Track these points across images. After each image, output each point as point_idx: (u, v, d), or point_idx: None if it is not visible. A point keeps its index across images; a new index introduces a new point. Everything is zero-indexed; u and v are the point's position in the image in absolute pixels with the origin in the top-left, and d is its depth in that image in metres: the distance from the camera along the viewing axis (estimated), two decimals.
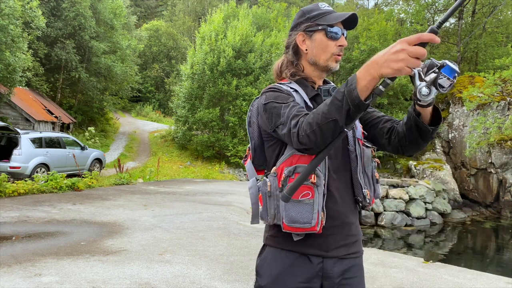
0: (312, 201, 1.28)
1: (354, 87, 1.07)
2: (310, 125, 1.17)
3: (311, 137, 1.17)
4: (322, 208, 1.30)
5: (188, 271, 3.96)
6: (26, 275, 3.63)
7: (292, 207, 1.29)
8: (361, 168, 1.41)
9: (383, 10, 26.96)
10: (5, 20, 13.06)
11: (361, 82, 1.07)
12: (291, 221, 1.30)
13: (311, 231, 1.29)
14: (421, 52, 1.01)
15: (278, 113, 1.32)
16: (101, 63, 21.61)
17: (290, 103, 1.32)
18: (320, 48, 1.41)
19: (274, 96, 1.37)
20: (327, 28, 1.39)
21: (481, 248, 10.43)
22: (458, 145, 16.73)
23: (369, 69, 1.06)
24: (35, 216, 6.20)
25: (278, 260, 1.37)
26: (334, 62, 1.41)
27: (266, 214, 1.37)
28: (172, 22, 42.28)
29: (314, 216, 1.28)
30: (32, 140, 10.83)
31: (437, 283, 3.98)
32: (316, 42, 1.41)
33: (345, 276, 1.36)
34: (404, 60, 1.00)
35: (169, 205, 7.73)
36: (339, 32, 1.40)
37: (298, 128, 1.21)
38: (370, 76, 1.05)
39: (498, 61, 15.33)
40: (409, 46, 1.01)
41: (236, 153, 17.52)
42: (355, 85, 1.07)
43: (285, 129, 1.27)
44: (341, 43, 1.40)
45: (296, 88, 1.41)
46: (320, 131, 1.15)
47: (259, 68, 18.64)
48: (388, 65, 1.02)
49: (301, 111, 1.27)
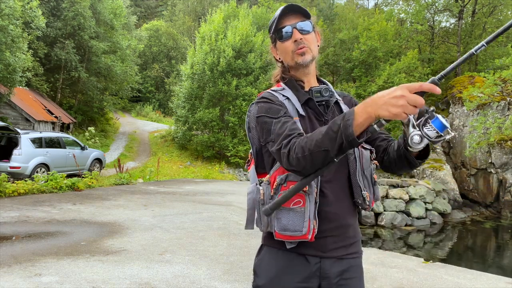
0: (303, 209, 1.29)
1: (350, 124, 1.09)
2: (302, 149, 1.18)
3: (301, 161, 1.19)
4: (314, 216, 1.30)
5: (188, 271, 3.96)
6: (26, 275, 3.63)
7: (284, 215, 1.30)
8: (360, 170, 1.40)
9: (383, 10, 26.95)
10: (5, 20, 13.06)
11: (358, 119, 1.09)
12: (282, 229, 1.30)
13: (302, 239, 1.30)
14: (420, 102, 1.02)
15: (269, 129, 1.33)
16: (101, 63, 21.61)
17: (281, 118, 1.33)
18: (283, 52, 1.46)
19: (265, 108, 1.37)
20: (276, 34, 1.45)
21: (481, 248, 10.43)
22: (458, 145, 16.73)
23: (367, 107, 1.08)
24: (35, 216, 6.20)
25: (276, 260, 1.37)
26: (299, 56, 1.42)
27: (259, 222, 1.39)
28: (172, 22, 42.28)
29: (305, 224, 1.28)
30: (32, 140, 10.83)
31: (437, 283, 3.98)
32: (279, 49, 1.48)
33: (343, 276, 1.36)
34: (402, 106, 1.02)
35: (169, 205, 7.73)
36: (288, 29, 1.41)
37: (289, 149, 1.22)
38: (367, 115, 1.07)
39: (498, 61, 15.31)
40: (409, 94, 1.02)
41: (236, 153, 17.52)
42: (352, 121, 1.09)
43: (275, 147, 1.29)
44: (294, 38, 1.41)
45: (288, 96, 1.42)
46: (311, 157, 1.17)
47: (259, 68, 18.64)
48: (387, 108, 1.04)
49: (293, 131, 1.28)
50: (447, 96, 18.63)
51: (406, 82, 17.64)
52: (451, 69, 1.08)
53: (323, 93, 1.42)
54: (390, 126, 18.17)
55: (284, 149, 1.24)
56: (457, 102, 17.37)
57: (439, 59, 22.71)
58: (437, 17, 23.69)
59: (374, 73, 19.31)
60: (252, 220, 1.42)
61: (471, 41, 21.36)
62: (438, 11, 22.86)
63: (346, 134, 1.09)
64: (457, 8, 20.58)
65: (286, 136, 1.27)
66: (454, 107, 17.59)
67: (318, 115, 1.42)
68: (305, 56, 1.41)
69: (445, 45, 23.59)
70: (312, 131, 1.35)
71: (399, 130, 17.73)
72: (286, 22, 1.42)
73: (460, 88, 17.50)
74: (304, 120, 1.38)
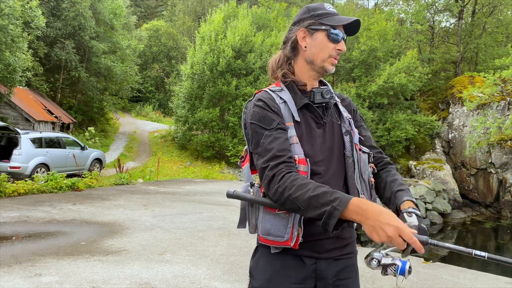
0: (287, 216, 1.28)
1: (336, 214, 1.12)
2: (286, 188, 1.21)
3: (278, 195, 1.23)
4: (299, 222, 1.29)
5: (188, 271, 3.96)
6: (26, 275, 3.63)
7: (269, 219, 1.31)
8: (358, 173, 1.40)
9: (383, 10, 26.96)
10: (5, 20, 13.05)
11: (346, 214, 1.12)
12: (266, 233, 1.31)
13: (284, 245, 1.29)
14: (401, 245, 1.08)
15: (258, 141, 1.33)
16: (101, 63, 21.61)
17: (272, 132, 1.32)
18: (319, 48, 1.39)
19: (259, 116, 1.35)
20: (330, 29, 1.37)
21: (481, 248, 10.40)
22: (458, 145, 16.73)
23: (358, 212, 1.11)
24: (35, 216, 6.20)
25: (271, 262, 1.37)
26: (330, 65, 1.40)
27: (248, 224, 1.40)
28: (172, 22, 42.27)
29: (287, 231, 1.28)
30: (32, 140, 10.82)
31: (437, 283, 3.98)
32: (317, 41, 1.39)
33: (339, 276, 1.36)
34: (388, 238, 1.07)
35: (169, 205, 7.73)
36: (340, 35, 1.39)
37: (274, 175, 1.24)
38: (355, 217, 1.12)
39: (498, 61, 15.32)
40: (397, 237, 1.06)
41: (236, 153, 17.53)
42: (340, 212, 1.12)
43: (260, 163, 1.30)
44: (340, 47, 1.40)
45: (285, 99, 1.40)
46: (288, 201, 1.21)
47: (259, 68, 18.63)
48: (373, 230, 1.09)
49: (283, 152, 1.28)
50: (447, 96, 18.63)
51: (406, 82, 17.64)
52: (446, 247, 1.16)
53: (324, 95, 1.41)
54: (390, 126, 18.17)
55: (269, 171, 1.25)
56: (457, 102, 17.36)
57: (439, 59, 22.72)
58: (437, 17, 23.70)
59: (374, 73, 19.31)
60: (244, 219, 1.43)
61: (471, 41, 21.36)
62: (438, 11, 22.86)
63: (326, 221, 1.13)
64: (457, 8, 20.58)
65: (275, 157, 1.27)
66: (454, 107, 17.59)
67: (317, 117, 1.41)
68: (333, 67, 1.42)
69: (445, 45, 23.59)
70: (308, 136, 1.36)
71: (398, 130, 17.73)
72: (340, 27, 1.39)
73: (460, 88, 17.50)
74: (299, 125, 1.37)
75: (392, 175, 1.44)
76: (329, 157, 1.38)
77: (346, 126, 1.44)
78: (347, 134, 1.43)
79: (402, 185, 1.37)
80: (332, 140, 1.41)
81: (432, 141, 18.20)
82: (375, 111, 19.00)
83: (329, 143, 1.40)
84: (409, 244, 1.08)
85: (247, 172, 1.48)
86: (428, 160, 16.93)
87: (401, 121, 17.77)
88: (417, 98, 20.20)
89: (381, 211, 1.09)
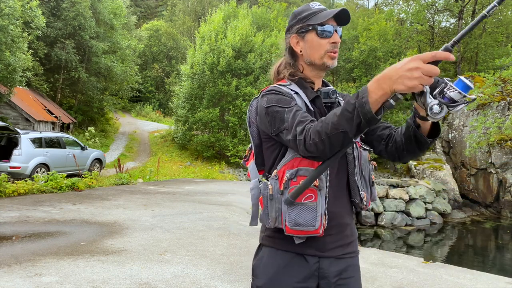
0: (315, 204, 1.28)
1: (366, 101, 1.05)
2: (319, 133, 1.15)
3: (319, 146, 1.16)
4: (324, 211, 1.30)
5: (188, 271, 3.96)
6: (26, 275, 3.63)
7: (295, 210, 1.29)
8: (359, 170, 1.41)
9: (383, 10, 26.96)
10: (5, 20, 13.05)
11: (373, 96, 1.05)
12: (295, 224, 1.29)
13: (314, 234, 1.29)
14: (435, 71, 1.00)
15: (282, 118, 1.30)
16: (101, 63, 21.61)
17: (293, 107, 1.30)
18: (313, 48, 1.40)
19: (276, 99, 1.35)
20: (318, 27, 1.38)
21: (481, 248, 10.43)
22: (458, 145, 16.73)
23: (381, 83, 1.04)
24: (35, 216, 6.20)
25: (274, 260, 1.37)
26: (330, 59, 1.40)
27: (267, 217, 1.36)
28: (172, 22, 42.28)
29: (317, 219, 1.28)
30: (32, 140, 10.82)
31: (437, 283, 3.98)
32: (309, 42, 1.41)
33: (342, 276, 1.37)
34: (418, 78, 0.99)
35: (169, 205, 7.73)
36: (330, 29, 1.39)
37: (305, 136, 1.20)
38: (382, 91, 1.04)
39: (498, 61, 15.31)
40: (423, 65, 0.99)
41: (236, 153, 17.53)
42: (367, 98, 1.05)
43: (290, 135, 1.26)
44: (334, 40, 1.39)
45: (296, 90, 1.40)
46: (329, 140, 1.14)
47: (259, 68, 18.63)
48: (402, 81, 1.01)
49: (306, 118, 1.26)
50: None
51: None
52: (464, 34, 1.04)
53: (330, 95, 1.42)
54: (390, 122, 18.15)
55: (300, 136, 1.21)
56: None
57: None
58: (437, 17, 23.69)
59: (374, 73, 19.31)
60: (256, 216, 1.42)
61: (471, 41, 21.35)
62: (438, 11, 22.86)
63: (364, 112, 1.05)
64: (457, 8, 20.58)
65: (299, 122, 1.24)
66: None
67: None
68: (334, 61, 1.41)
69: None
70: None
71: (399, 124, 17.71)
72: (330, 21, 1.39)
73: None
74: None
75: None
76: None
77: None
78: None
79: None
80: None
81: None
82: None
83: None
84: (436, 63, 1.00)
85: (253, 169, 1.48)
86: (428, 160, 16.93)
87: (401, 121, 17.78)
88: None
89: (393, 65, 1.04)
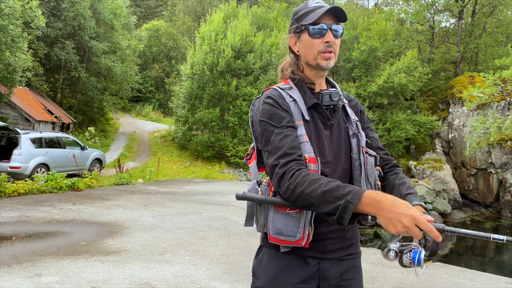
0: (299, 215, 1.28)
1: (351, 208, 1.11)
2: (297, 185, 1.19)
3: (289, 193, 1.21)
4: (310, 222, 1.29)
5: (188, 271, 3.96)
6: (26, 275, 3.63)
7: (279, 218, 1.29)
8: (365, 176, 1.40)
9: (383, 10, 26.96)
10: (5, 20, 13.05)
11: (360, 207, 1.11)
12: (277, 232, 1.30)
13: (296, 244, 1.29)
14: (417, 235, 1.06)
15: (268, 139, 1.31)
16: (101, 63, 21.61)
17: (283, 130, 1.30)
18: (307, 48, 1.39)
19: (269, 114, 1.34)
20: (309, 27, 1.36)
21: (481, 248, 10.43)
22: (458, 145, 16.73)
23: (373, 206, 1.10)
24: (35, 216, 6.20)
25: (274, 261, 1.36)
26: (323, 60, 1.37)
27: (257, 222, 1.38)
28: (172, 22, 42.26)
29: (299, 230, 1.27)
30: (32, 140, 10.82)
31: (437, 283, 3.98)
32: (304, 42, 1.40)
33: (343, 277, 1.36)
34: (404, 228, 1.05)
35: (169, 205, 7.73)
36: (322, 28, 1.35)
37: (285, 174, 1.23)
38: (370, 210, 1.11)
39: (498, 61, 15.31)
40: (414, 226, 1.05)
41: (236, 153, 17.53)
42: (354, 206, 1.10)
43: (270, 160, 1.29)
44: (327, 39, 1.36)
45: (295, 98, 1.39)
46: (300, 198, 1.19)
47: (259, 68, 18.63)
48: (389, 220, 1.07)
49: (293, 150, 1.27)
50: (447, 96, 18.63)
51: (406, 81, 17.64)
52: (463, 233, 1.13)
53: (332, 97, 1.39)
54: (390, 126, 18.17)
55: (280, 169, 1.24)
56: (457, 102, 17.36)
57: (439, 59, 22.73)
58: (437, 17, 23.70)
59: (374, 73, 19.32)
60: (251, 217, 1.42)
61: (471, 41, 21.36)
62: (438, 11, 22.86)
63: (341, 215, 1.12)
64: (457, 8, 20.58)
65: (285, 155, 1.25)
66: (454, 107, 17.59)
67: (325, 119, 1.40)
68: (329, 61, 1.37)
69: (445, 45, 23.60)
70: (316, 137, 1.35)
71: (398, 130, 17.72)
72: (322, 19, 1.35)
73: (460, 88, 17.51)
74: (308, 125, 1.36)
75: (400, 178, 1.43)
76: (335, 158, 1.37)
77: (353, 129, 1.44)
78: (354, 136, 1.42)
79: (411, 189, 1.36)
80: (339, 142, 1.40)
81: (432, 141, 18.21)
82: (375, 111, 19.01)
83: (336, 144, 1.39)
84: (425, 233, 1.07)
85: (254, 170, 1.48)
86: (428, 160, 16.94)
87: (401, 121, 17.78)
88: (417, 98, 20.20)
89: (395, 201, 1.08)
